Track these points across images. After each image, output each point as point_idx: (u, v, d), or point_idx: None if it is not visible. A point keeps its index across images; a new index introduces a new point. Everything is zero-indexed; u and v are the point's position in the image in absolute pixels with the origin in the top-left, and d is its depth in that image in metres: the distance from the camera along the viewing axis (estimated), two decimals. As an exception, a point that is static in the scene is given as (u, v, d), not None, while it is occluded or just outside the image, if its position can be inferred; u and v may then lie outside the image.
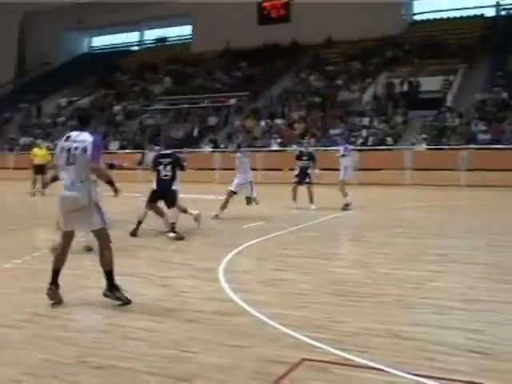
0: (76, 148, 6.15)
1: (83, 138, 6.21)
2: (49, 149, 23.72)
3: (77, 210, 6.23)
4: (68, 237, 6.43)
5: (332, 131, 27.45)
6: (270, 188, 20.34)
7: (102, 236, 6.34)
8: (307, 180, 15.39)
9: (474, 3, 41.05)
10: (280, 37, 37.29)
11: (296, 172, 15.60)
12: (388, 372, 4.42)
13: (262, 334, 5.33)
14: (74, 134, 6.30)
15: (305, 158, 15.60)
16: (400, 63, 33.25)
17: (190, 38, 43.97)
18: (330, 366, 4.56)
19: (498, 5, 40.89)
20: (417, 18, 42.01)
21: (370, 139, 26.35)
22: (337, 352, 4.82)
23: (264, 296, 6.63)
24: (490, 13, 40.46)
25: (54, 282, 6.39)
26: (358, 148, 24.65)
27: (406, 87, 30.81)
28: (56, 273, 6.40)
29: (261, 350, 4.94)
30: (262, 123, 29.99)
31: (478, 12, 40.27)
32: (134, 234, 10.70)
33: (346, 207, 14.78)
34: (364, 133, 27.06)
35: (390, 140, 25.87)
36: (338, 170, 15.67)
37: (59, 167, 6.34)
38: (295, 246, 9.86)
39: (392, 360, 4.63)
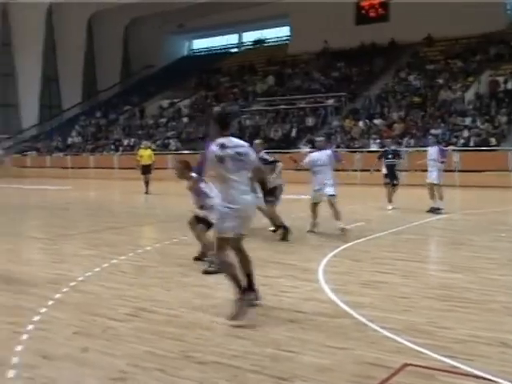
0: (240, 153, 5.95)
1: (239, 142, 6.06)
2: (153, 150, 24.51)
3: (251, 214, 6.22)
4: (239, 240, 6.16)
5: (432, 131, 26.72)
6: (367, 189, 20.10)
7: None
8: (395, 181, 15.27)
9: None
10: (378, 36, 36.70)
11: (384, 171, 15.35)
12: (495, 382, 4.26)
13: (363, 337, 5.28)
14: (224, 141, 5.96)
15: (390, 156, 15.37)
16: (504, 60, 31.90)
17: (288, 39, 44.12)
18: (434, 373, 4.45)
19: None
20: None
21: (472, 140, 25.46)
22: (441, 358, 4.70)
23: (364, 298, 6.56)
24: None
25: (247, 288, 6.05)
26: (459, 149, 23.90)
27: (510, 85, 29.54)
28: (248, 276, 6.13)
29: (362, 353, 4.89)
30: (361, 124, 29.65)
31: None
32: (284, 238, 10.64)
33: (436, 210, 14.21)
34: (466, 133, 26.19)
35: (493, 140, 24.90)
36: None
37: (222, 175, 5.93)
38: (395, 249, 9.68)
39: (499, 369, 4.46)
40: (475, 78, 30.98)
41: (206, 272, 7.84)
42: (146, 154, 22.37)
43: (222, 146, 5.90)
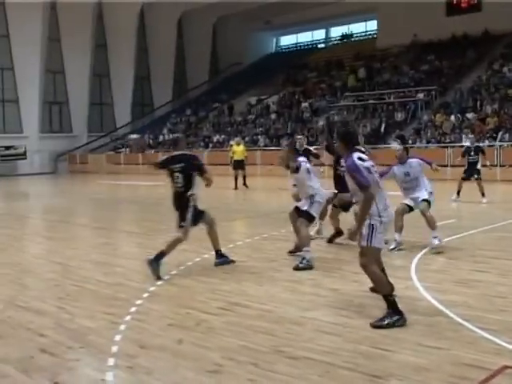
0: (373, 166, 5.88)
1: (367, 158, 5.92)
2: (246, 145, 24.79)
3: None
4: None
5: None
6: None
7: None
8: (476, 176, 15.16)
9: None
10: (470, 27, 35.49)
11: (465, 167, 15.48)
12: None
13: (459, 337, 5.14)
14: (360, 155, 5.84)
15: (472, 153, 15.40)
16: None
17: (375, 33, 43.44)
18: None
19: None
20: None
21: None
22: (543, 362, 4.50)
23: (459, 297, 6.38)
24: None
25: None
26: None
27: None
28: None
29: (458, 353, 4.76)
30: (452, 118, 28.79)
31: None
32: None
33: None
34: None
35: None
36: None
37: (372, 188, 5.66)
38: (490, 247, 9.34)
39: None
40: None
41: (297, 268, 7.86)
42: (239, 150, 22.68)
43: (361, 159, 5.77)
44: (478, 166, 15.27)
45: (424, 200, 9.11)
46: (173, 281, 7.47)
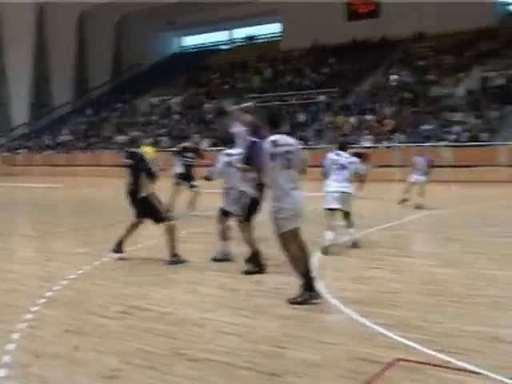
0: (288, 152, 6.18)
1: (289, 141, 6.28)
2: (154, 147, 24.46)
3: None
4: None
5: (424, 127, 26.84)
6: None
7: None
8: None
9: None
10: (369, 32, 36.73)
11: None
12: (487, 376, 4.28)
13: (355, 333, 5.30)
14: (277, 137, 6.21)
15: None
16: (495, 56, 31.97)
17: (279, 36, 44.09)
18: (426, 367, 4.47)
19: None
20: (513, 8, 40.37)
21: (463, 135, 25.54)
22: (432, 353, 4.72)
23: (355, 294, 6.58)
24: None
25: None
26: (451, 144, 23.97)
27: (501, 81, 29.63)
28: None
29: (353, 348, 4.91)
30: (352, 119, 29.68)
31: None
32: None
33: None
34: (457, 128, 26.26)
35: (484, 136, 24.98)
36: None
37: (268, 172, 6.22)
38: (385, 245, 9.70)
39: (491, 364, 4.49)
40: (466, 74, 31.07)
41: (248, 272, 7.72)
42: (149, 151, 22.34)
43: (275, 143, 6.14)
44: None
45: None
46: (71, 285, 7.27)
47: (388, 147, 25.80)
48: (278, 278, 7.30)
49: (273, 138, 6.19)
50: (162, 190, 9.13)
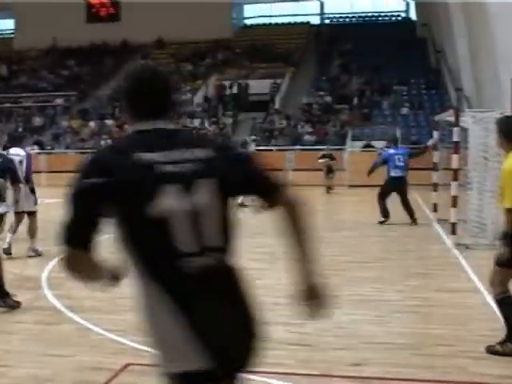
0: None
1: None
2: None
3: None
4: None
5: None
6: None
7: None
8: None
9: (301, 11, 43.26)
10: (110, 36, 36.51)
11: None
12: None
13: (86, 342, 5.20)
14: None
15: None
16: (230, 66, 33.97)
17: (13, 33, 41.67)
18: (155, 369, 4.53)
19: (322, 13, 43.45)
20: (247, 22, 43.30)
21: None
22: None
23: (89, 301, 6.44)
24: (316, 21, 42.90)
25: None
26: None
27: (235, 89, 31.57)
28: None
29: (83, 358, 4.81)
30: (91, 124, 29.22)
31: (304, 19, 42.38)
32: None
33: None
34: (195, 134, 27.33)
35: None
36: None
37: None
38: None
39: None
40: (203, 82, 32.50)
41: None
42: None
43: None
44: None
45: None
46: None
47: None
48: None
49: None
50: None
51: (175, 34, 35.05)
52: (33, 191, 9.19)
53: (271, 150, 25.21)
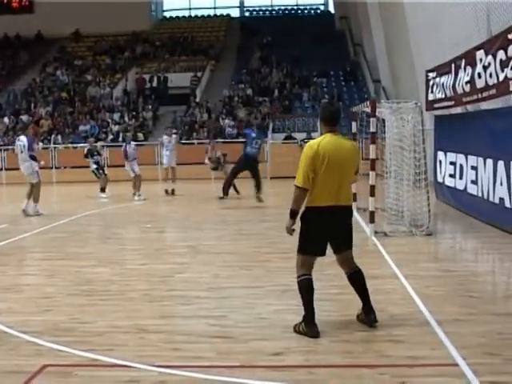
0: None
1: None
2: None
3: None
4: None
5: (82, 127, 26.85)
6: (12, 189, 19.24)
7: None
8: None
9: (221, 4, 43.21)
10: (24, 28, 35.37)
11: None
12: (132, 367, 4.44)
13: (1, 345, 5.03)
14: None
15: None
16: (150, 59, 33.61)
17: None
18: (74, 369, 4.46)
19: (242, 6, 43.53)
20: (166, 14, 42.86)
21: (121, 135, 26.18)
22: (82, 354, 4.73)
23: (3, 304, 6.27)
24: (236, 13, 42.93)
25: None
26: (108, 144, 24.34)
27: (155, 83, 31.25)
28: None
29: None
30: (6, 120, 28.26)
31: (224, 12, 42.32)
32: None
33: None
34: (115, 128, 26.84)
35: (141, 135, 25.93)
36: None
37: None
38: (40, 249, 9.46)
39: (137, 355, 4.67)
40: (123, 75, 31.99)
41: None
42: None
43: None
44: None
45: None
46: None
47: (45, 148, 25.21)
48: None
49: None
50: None
51: (92, 26, 34.35)
52: None
53: (193, 143, 25.11)
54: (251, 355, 4.62)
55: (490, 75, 10.06)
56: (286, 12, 42.76)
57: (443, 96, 13.33)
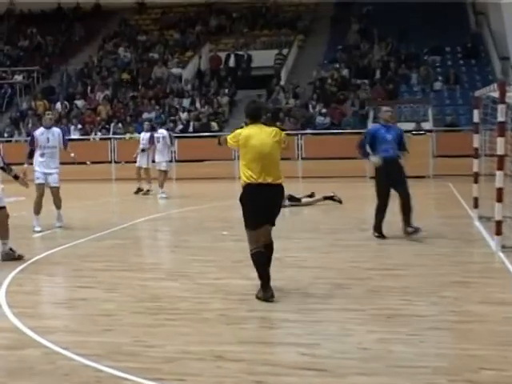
0: None
1: None
2: None
3: None
4: None
5: (146, 115, 27.32)
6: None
7: None
8: None
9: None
10: (79, -2, 36.59)
11: None
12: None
13: (54, 369, 5.19)
14: None
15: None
16: (226, 34, 33.89)
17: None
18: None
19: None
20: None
21: (192, 124, 26.58)
22: (148, 383, 4.81)
23: (57, 321, 6.47)
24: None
25: None
26: (176, 135, 24.74)
27: (232, 62, 31.43)
28: None
29: (57, 389, 4.81)
30: (58, 106, 29.19)
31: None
32: None
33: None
34: (184, 116, 27.24)
35: (214, 125, 26.25)
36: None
37: None
38: (97, 258, 9.70)
39: (212, 387, 4.72)
40: (194, 53, 32.38)
41: None
42: None
43: None
44: None
45: None
46: None
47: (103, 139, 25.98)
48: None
49: None
50: None
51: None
52: None
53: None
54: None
55: None
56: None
57: None
